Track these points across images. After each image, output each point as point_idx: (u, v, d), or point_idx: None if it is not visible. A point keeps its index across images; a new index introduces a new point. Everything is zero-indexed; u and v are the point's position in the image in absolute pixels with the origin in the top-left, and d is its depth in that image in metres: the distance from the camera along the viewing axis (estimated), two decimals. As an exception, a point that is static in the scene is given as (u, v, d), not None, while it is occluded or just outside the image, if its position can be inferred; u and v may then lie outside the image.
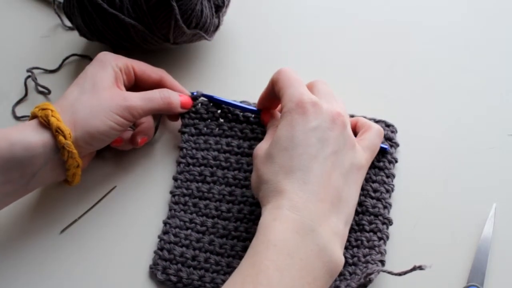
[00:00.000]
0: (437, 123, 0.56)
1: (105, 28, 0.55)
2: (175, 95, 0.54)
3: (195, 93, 0.57)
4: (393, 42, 0.62)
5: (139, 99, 0.51)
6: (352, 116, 0.54)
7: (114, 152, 0.56)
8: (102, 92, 0.50)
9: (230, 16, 0.62)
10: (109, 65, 0.51)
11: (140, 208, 0.53)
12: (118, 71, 0.52)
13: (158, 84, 0.55)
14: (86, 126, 0.48)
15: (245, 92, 0.59)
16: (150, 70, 0.55)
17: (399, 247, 0.49)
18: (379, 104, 0.57)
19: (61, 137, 0.46)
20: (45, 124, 0.47)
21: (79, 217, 0.53)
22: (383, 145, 0.51)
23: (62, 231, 0.52)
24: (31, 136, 0.46)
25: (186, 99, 0.55)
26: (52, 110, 0.47)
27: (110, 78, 0.51)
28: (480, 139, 0.54)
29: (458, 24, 0.63)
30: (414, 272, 0.41)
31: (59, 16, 0.66)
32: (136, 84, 0.55)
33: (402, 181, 0.52)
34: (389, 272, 0.43)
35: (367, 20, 0.64)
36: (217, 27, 0.59)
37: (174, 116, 0.56)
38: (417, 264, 0.41)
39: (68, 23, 0.64)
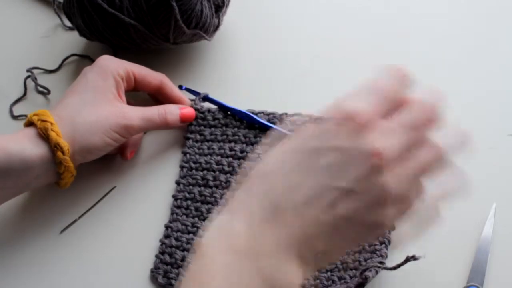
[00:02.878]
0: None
1: (105, 28, 0.55)
2: (174, 111, 0.53)
3: (200, 94, 0.57)
4: (392, 44, 0.62)
5: (138, 119, 0.50)
6: None
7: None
8: (103, 106, 0.49)
9: (230, 16, 0.62)
10: (110, 74, 0.51)
11: (140, 209, 0.53)
12: (119, 79, 0.51)
13: (158, 90, 0.55)
14: (84, 142, 0.48)
15: (245, 92, 0.59)
16: (150, 75, 0.54)
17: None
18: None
19: (59, 153, 0.46)
20: (44, 136, 0.47)
21: (79, 217, 0.53)
22: None
23: (62, 231, 0.52)
24: (29, 149, 0.46)
25: (188, 112, 0.54)
26: (51, 123, 0.47)
27: (111, 89, 0.51)
28: (480, 139, 0.54)
29: (457, 25, 0.63)
30: (414, 273, 0.41)
31: (59, 16, 0.66)
32: (135, 89, 0.55)
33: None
34: (384, 268, 0.43)
35: (367, 21, 0.64)
36: (217, 27, 0.59)
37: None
38: (410, 255, 0.40)
39: (68, 23, 0.64)
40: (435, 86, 0.37)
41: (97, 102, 0.49)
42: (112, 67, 0.51)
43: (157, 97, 0.56)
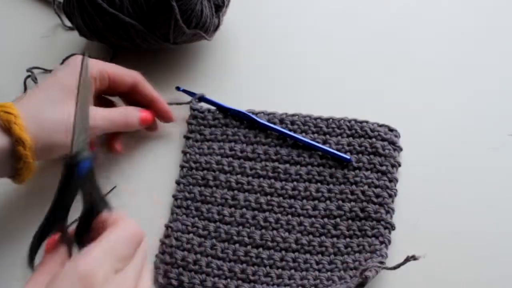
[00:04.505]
0: (437, 124, 0.56)
1: (105, 28, 0.55)
2: (134, 114, 0.53)
3: (196, 95, 0.57)
4: (392, 45, 0.62)
5: (101, 120, 0.50)
6: (360, 121, 0.54)
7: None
8: (68, 104, 0.47)
9: (230, 16, 0.62)
10: None
11: (140, 209, 0.53)
12: (90, 80, 0.50)
13: (132, 89, 0.54)
14: (47, 139, 0.47)
15: (245, 91, 0.59)
16: (124, 73, 0.53)
17: (399, 247, 0.48)
18: (379, 106, 0.57)
19: (20, 147, 0.45)
20: (6, 129, 0.45)
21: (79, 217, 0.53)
22: (345, 156, 0.52)
23: (62, 231, 0.52)
24: None
25: (146, 115, 0.54)
26: (15, 116, 0.45)
27: None
28: (480, 139, 0.54)
29: (457, 25, 0.63)
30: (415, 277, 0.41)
31: (59, 16, 0.66)
32: (109, 88, 0.53)
33: (400, 183, 0.52)
34: (384, 267, 0.43)
35: (368, 21, 0.64)
36: (217, 27, 0.59)
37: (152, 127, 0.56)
38: (410, 255, 0.41)
39: (68, 23, 0.64)
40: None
41: (62, 100, 0.48)
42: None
43: (132, 97, 0.55)
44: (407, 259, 0.41)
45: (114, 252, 0.36)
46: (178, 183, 0.54)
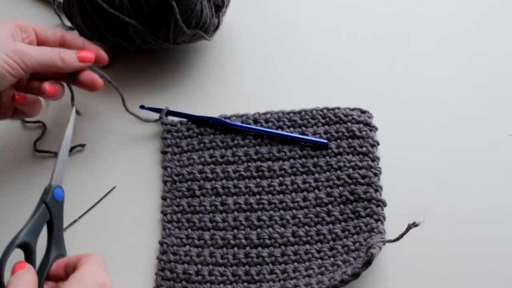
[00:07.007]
0: (437, 123, 0.56)
1: (105, 28, 0.55)
2: (70, 51, 0.52)
3: (162, 110, 0.56)
4: (392, 42, 0.62)
5: (31, 48, 0.49)
6: (332, 108, 0.55)
7: (113, 152, 0.56)
8: None
9: (230, 16, 0.62)
10: (8, 23, 0.50)
11: (140, 208, 0.53)
12: (15, 28, 0.51)
13: (61, 45, 0.54)
14: None
15: (245, 91, 0.59)
16: (50, 29, 0.53)
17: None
18: (380, 107, 0.57)
19: None
20: None
21: (79, 217, 0.53)
22: (321, 140, 0.52)
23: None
24: None
25: (86, 53, 0.53)
26: None
27: (5, 34, 0.50)
28: (480, 139, 0.54)
29: (457, 24, 0.63)
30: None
31: (59, 16, 0.66)
32: (40, 41, 0.53)
33: (403, 184, 0.52)
34: (387, 241, 0.43)
35: (367, 21, 0.64)
36: (217, 27, 0.59)
37: (90, 85, 0.54)
38: (410, 223, 0.41)
39: (68, 23, 0.64)
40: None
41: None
42: (11, 20, 0.51)
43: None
44: (409, 227, 0.41)
45: (104, 270, 0.44)
46: (164, 198, 0.53)
